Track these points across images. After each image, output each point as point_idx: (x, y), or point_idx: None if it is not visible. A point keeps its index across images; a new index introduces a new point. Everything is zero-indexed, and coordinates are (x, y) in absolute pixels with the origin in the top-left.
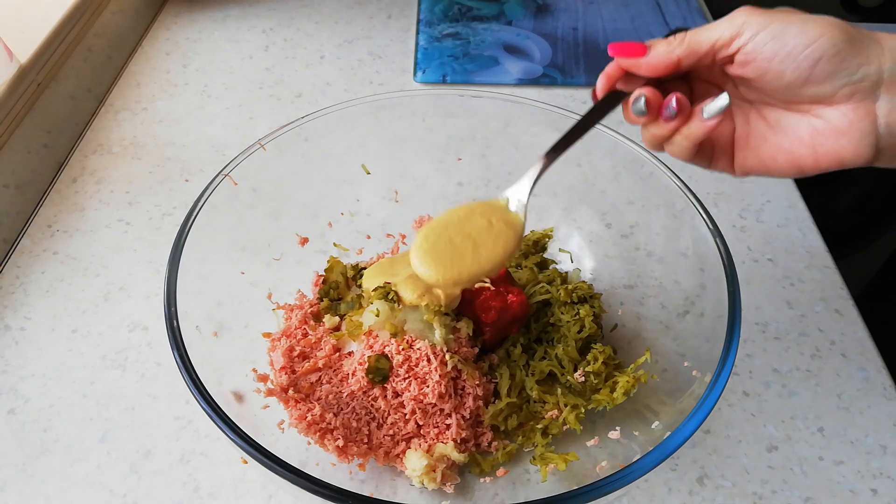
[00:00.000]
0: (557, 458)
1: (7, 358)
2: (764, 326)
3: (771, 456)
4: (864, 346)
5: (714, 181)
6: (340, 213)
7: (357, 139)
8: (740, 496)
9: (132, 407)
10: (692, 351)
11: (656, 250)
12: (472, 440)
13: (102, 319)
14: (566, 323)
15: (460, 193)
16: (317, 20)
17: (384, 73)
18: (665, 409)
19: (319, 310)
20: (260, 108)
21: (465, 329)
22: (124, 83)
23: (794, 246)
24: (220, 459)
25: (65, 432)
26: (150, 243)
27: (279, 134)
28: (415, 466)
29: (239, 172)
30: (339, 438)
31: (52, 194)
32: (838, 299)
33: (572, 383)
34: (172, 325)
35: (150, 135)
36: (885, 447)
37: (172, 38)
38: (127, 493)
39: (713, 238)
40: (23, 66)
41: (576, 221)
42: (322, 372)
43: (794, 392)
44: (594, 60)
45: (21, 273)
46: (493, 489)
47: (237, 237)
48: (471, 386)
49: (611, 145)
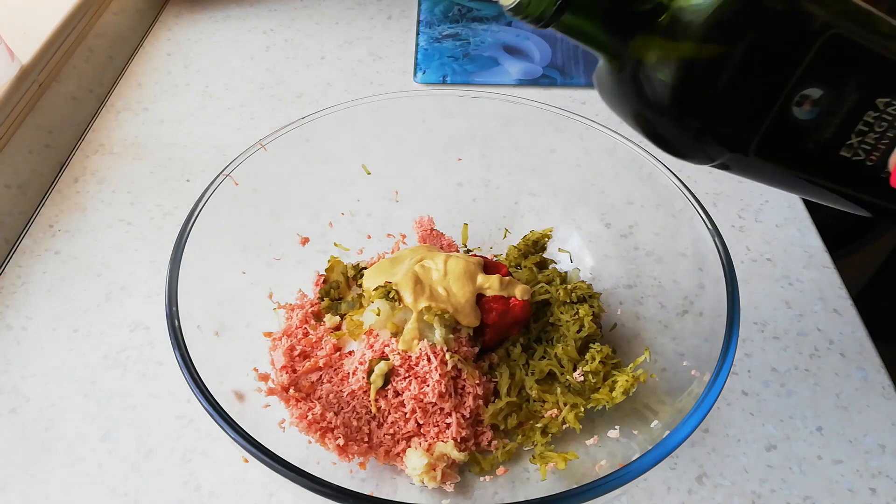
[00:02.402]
0: (557, 457)
1: (8, 357)
2: (763, 326)
3: (770, 455)
4: (862, 346)
5: (713, 181)
6: (341, 213)
7: (357, 139)
8: (739, 495)
9: (133, 406)
10: (691, 350)
11: (655, 250)
12: (472, 439)
13: (104, 319)
14: (565, 322)
15: (460, 193)
16: (317, 21)
17: (384, 73)
18: (664, 409)
19: (320, 309)
20: (261, 109)
21: (466, 329)
22: (125, 83)
23: (793, 246)
24: (221, 458)
25: (66, 431)
26: (151, 243)
27: (280, 134)
28: (415, 465)
29: (240, 172)
30: (340, 437)
31: (53, 194)
32: (837, 299)
33: (572, 382)
34: (174, 325)
35: (152, 135)
36: (883, 446)
37: (174, 38)
38: (128, 492)
39: (712, 238)
40: (24, 67)
41: (575, 221)
42: (323, 371)
43: (792, 391)
44: (593, 61)
45: (23, 273)
46: (493, 488)
47: (238, 237)
48: (471, 385)
49: (610, 146)
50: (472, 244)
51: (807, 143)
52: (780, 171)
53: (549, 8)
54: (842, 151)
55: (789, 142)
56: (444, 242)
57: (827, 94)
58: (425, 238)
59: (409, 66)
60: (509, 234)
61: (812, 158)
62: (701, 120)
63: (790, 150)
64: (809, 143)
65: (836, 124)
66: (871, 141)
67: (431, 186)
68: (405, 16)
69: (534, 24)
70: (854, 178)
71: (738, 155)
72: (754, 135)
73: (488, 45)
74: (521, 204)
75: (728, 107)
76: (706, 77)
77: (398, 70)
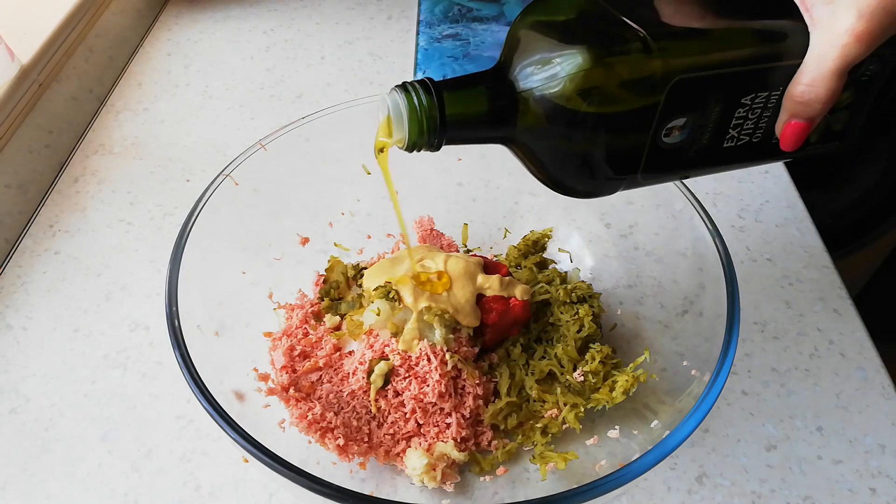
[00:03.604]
0: (557, 457)
1: (9, 357)
2: (763, 326)
3: (770, 455)
4: (862, 346)
5: (713, 181)
6: (341, 212)
7: (357, 139)
8: (739, 495)
9: (133, 406)
10: (691, 350)
11: (655, 250)
12: (472, 439)
13: (104, 319)
14: (565, 322)
15: (460, 193)
16: (317, 21)
17: (384, 73)
18: (664, 409)
19: (320, 309)
20: (261, 109)
21: (466, 329)
22: (126, 83)
23: (793, 246)
24: (221, 458)
25: (66, 431)
26: (151, 243)
27: (280, 134)
28: (415, 465)
29: (240, 172)
30: (340, 437)
31: (53, 194)
32: (837, 299)
33: (572, 382)
34: (174, 325)
35: (152, 135)
36: (883, 446)
37: (174, 38)
38: (128, 491)
39: (712, 238)
40: (24, 67)
41: (575, 221)
42: (323, 371)
43: (792, 391)
44: None
45: (23, 273)
46: (493, 488)
47: (238, 237)
48: (471, 385)
49: None
50: (472, 244)
51: (687, 154)
52: (678, 175)
53: (431, 137)
54: (725, 144)
55: (671, 160)
56: (444, 242)
57: (691, 118)
58: (425, 238)
59: (409, 66)
60: (509, 234)
61: (697, 161)
62: (590, 168)
63: (675, 164)
64: (690, 153)
65: (710, 132)
66: (751, 126)
67: (431, 186)
68: (405, 16)
69: (431, 150)
70: (747, 154)
71: (630, 180)
72: (637, 167)
73: (488, 45)
74: (521, 204)
75: (606, 155)
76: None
77: (398, 70)
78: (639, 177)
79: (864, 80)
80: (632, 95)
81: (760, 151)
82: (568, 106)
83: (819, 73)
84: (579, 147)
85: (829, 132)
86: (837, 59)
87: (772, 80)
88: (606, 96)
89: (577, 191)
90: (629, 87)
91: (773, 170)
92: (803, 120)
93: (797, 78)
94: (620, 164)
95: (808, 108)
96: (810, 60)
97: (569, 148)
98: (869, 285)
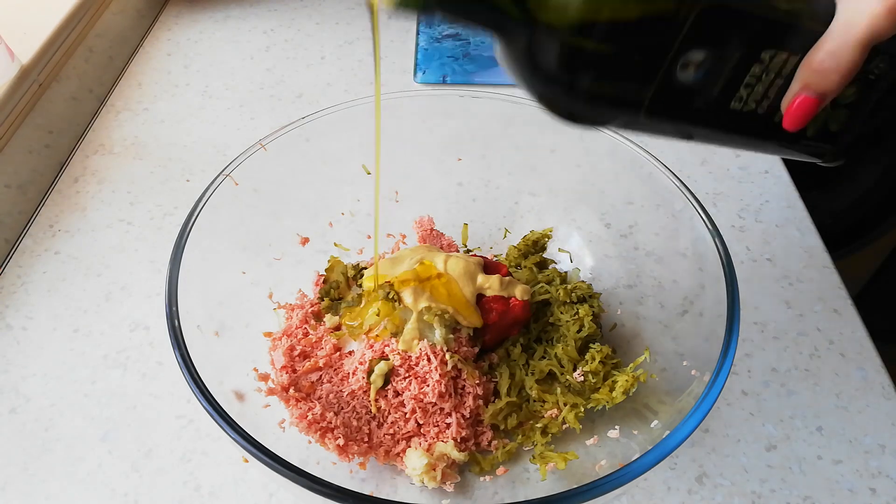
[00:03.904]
0: (557, 457)
1: (8, 357)
2: (763, 326)
3: (770, 455)
4: (862, 346)
5: (713, 181)
6: (341, 212)
7: (357, 139)
8: (739, 495)
9: (133, 406)
10: (691, 350)
11: (655, 250)
12: (472, 439)
13: (104, 319)
14: (565, 322)
15: (460, 193)
16: (317, 21)
17: (384, 73)
18: (664, 409)
19: (320, 309)
20: (261, 109)
21: (466, 329)
22: (125, 83)
23: (793, 246)
24: (221, 458)
25: (66, 431)
26: (151, 243)
27: (280, 134)
28: (415, 465)
29: (240, 172)
30: (340, 437)
31: (53, 194)
32: (837, 299)
33: (572, 382)
34: (174, 325)
35: (152, 135)
36: (883, 446)
37: (174, 38)
38: (128, 491)
39: (712, 238)
40: (24, 67)
41: (575, 221)
42: (323, 371)
43: (792, 391)
44: None
45: (23, 273)
46: (493, 488)
47: (238, 237)
48: (471, 385)
49: (610, 146)
50: (472, 244)
51: (696, 102)
52: (674, 128)
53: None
54: (732, 104)
55: (678, 102)
56: (444, 242)
57: (710, 57)
58: (425, 238)
59: (409, 66)
60: (509, 234)
61: (703, 114)
62: (591, 85)
63: (680, 110)
64: (698, 101)
65: (723, 82)
66: (761, 91)
67: (431, 186)
68: (405, 16)
69: (422, 12)
70: (747, 126)
71: (629, 116)
72: (643, 99)
73: (488, 45)
74: (521, 204)
75: (616, 73)
76: (594, 46)
77: (398, 70)
78: (641, 115)
79: (871, 79)
80: (658, 7)
81: (760, 128)
82: (587, 2)
83: (843, 41)
84: (588, 57)
85: (825, 131)
86: (865, 29)
87: (793, 40)
88: (634, 5)
89: (566, 110)
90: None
91: (773, 170)
92: (815, 94)
93: (819, 45)
94: (627, 88)
95: (824, 80)
96: (836, 28)
97: (576, 54)
98: (869, 285)
